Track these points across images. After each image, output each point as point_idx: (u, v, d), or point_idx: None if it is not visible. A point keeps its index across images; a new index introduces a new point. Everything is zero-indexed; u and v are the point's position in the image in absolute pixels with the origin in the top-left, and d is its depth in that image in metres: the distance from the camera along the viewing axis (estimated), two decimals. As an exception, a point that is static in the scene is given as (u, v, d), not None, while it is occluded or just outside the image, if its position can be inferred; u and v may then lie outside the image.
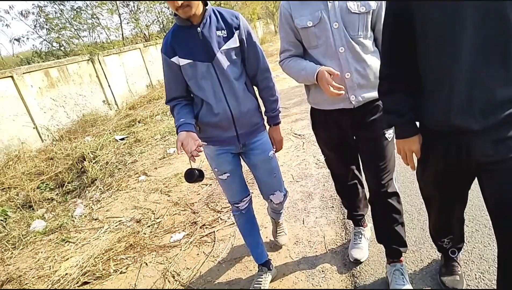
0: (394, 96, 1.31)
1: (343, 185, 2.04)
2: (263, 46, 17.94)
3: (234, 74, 1.65)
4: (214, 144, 1.77)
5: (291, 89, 7.10)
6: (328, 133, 1.79)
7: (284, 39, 1.69)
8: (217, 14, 1.63)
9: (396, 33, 1.23)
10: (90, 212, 3.57)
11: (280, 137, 1.90)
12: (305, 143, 4.03)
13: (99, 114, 7.27)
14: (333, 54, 1.54)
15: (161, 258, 2.51)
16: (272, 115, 1.84)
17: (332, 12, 1.51)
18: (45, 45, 9.89)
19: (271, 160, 1.84)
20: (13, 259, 2.95)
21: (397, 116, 1.32)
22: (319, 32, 1.54)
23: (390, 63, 1.30)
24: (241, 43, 1.65)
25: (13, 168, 4.88)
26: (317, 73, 1.52)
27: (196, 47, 1.58)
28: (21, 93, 5.79)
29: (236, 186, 1.88)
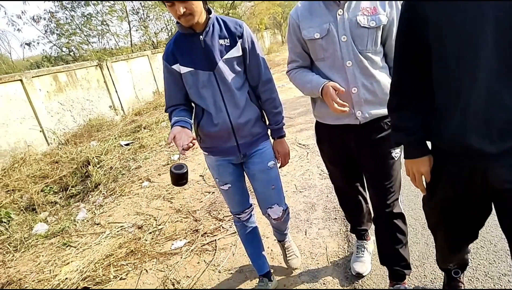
0: (404, 113, 1.22)
1: (347, 200, 2.00)
2: (269, 56, 18.14)
3: (236, 83, 1.61)
4: (215, 154, 1.74)
5: (296, 99, 7.11)
6: (333, 148, 1.75)
7: (292, 50, 1.68)
8: (220, 23, 1.60)
9: (409, 45, 1.14)
10: (92, 216, 3.57)
11: (285, 150, 1.81)
12: (309, 154, 4.02)
13: (105, 119, 7.33)
14: (340, 67, 1.51)
15: (162, 265, 2.50)
16: (275, 127, 1.77)
17: (340, 25, 1.47)
18: (55, 50, 10.04)
19: (270, 170, 1.76)
20: (14, 262, 2.95)
21: (406, 134, 1.22)
22: (327, 44, 1.51)
23: (401, 77, 1.22)
24: (244, 52, 1.61)
25: (19, 170, 4.92)
26: (322, 88, 1.50)
27: (198, 55, 1.56)
28: (30, 97, 5.86)
29: (238, 197, 1.84)
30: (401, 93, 1.22)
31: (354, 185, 1.90)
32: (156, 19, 12.21)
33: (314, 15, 1.53)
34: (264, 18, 19.23)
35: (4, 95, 5.47)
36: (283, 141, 1.80)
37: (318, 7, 1.52)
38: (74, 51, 10.02)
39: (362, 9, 1.47)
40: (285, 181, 3.41)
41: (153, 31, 12.07)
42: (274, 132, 1.78)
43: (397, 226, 1.70)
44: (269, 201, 1.81)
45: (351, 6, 1.47)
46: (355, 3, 1.48)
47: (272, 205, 1.81)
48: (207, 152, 1.77)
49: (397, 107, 1.24)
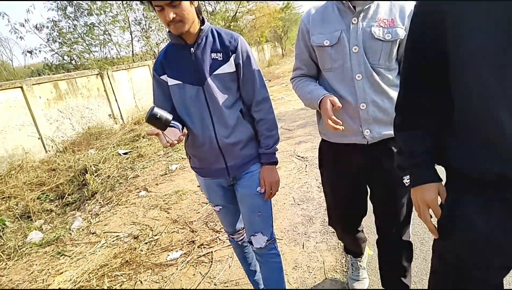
0: (411, 133, 1.04)
1: (344, 235, 1.86)
2: (270, 68, 18.29)
3: (226, 101, 1.47)
4: (203, 175, 1.64)
5: (295, 111, 7.15)
6: (336, 171, 1.59)
7: (298, 56, 1.56)
8: (215, 35, 1.48)
9: (421, 51, 0.95)
10: (88, 225, 3.53)
11: (273, 179, 1.58)
12: (308, 166, 4.01)
13: (104, 127, 7.32)
14: (349, 80, 1.39)
15: (157, 276, 2.46)
16: (264, 151, 1.55)
17: (353, 35, 1.35)
18: (56, 58, 10.08)
19: (258, 196, 1.58)
20: (7, 270, 2.91)
21: (408, 157, 1.04)
22: (336, 54, 1.39)
23: (409, 90, 1.03)
24: (237, 68, 1.47)
25: (15, 177, 4.88)
26: (320, 100, 1.37)
27: (187, 68, 1.45)
28: (29, 104, 5.86)
29: (230, 218, 1.76)
30: (408, 109, 1.05)
31: (355, 220, 1.75)
32: (158, 30, 12.32)
33: (326, 21, 1.42)
34: (265, 31, 19.45)
35: (4, 101, 5.48)
36: (273, 169, 1.59)
37: (332, 13, 1.41)
38: (76, 60, 10.07)
39: (378, 20, 1.34)
40: (283, 193, 3.40)
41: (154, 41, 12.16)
42: (263, 157, 1.57)
43: (403, 255, 1.61)
44: (253, 228, 1.63)
45: (367, 15, 1.35)
46: (372, 12, 1.35)
47: (255, 233, 1.63)
48: (196, 172, 1.68)
49: (403, 126, 1.07)
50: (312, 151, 4.44)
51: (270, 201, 1.65)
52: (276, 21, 18.74)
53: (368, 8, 1.35)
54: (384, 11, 1.36)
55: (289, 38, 29.31)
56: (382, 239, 1.67)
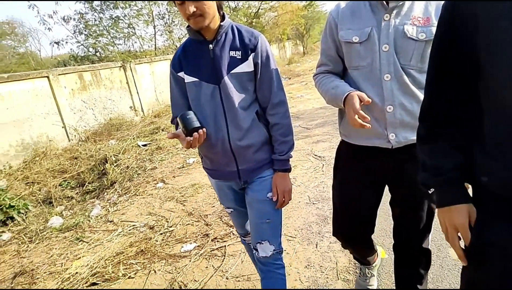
0: (435, 145, 0.93)
1: (348, 246, 1.76)
2: (290, 66, 18.19)
3: (242, 102, 1.41)
4: (214, 177, 1.60)
5: (314, 110, 7.09)
6: (353, 175, 1.50)
7: (324, 52, 1.48)
8: (235, 32, 1.42)
9: (448, 55, 0.86)
10: (106, 213, 3.62)
11: (286, 187, 1.50)
12: (324, 166, 3.98)
13: (125, 119, 7.48)
14: (376, 80, 1.30)
15: (170, 267, 2.51)
16: (278, 158, 1.48)
17: (384, 32, 1.27)
18: (81, 49, 10.37)
19: (268, 202, 1.51)
20: (28, 253, 3.02)
21: (434, 173, 0.92)
22: (365, 51, 1.31)
23: (434, 98, 0.92)
24: (256, 68, 1.41)
25: (39, 164, 5.06)
26: (346, 96, 1.27)
27: (204, 65, 1.40)
28: (55, 93, 6.05)
29: (241, 221, 1.73)
30: (433, 119, 0.94)
31: (366, 231, 1.64)
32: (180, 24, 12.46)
33: (356, 16, 1.34)
34: (287, 29, 19.36)
35: (31, 90, 5.67)
36: (286, 176, 1.51)
37: (363, 8, 1.33)
38: (100, 52, 10.32)
39: (412, 18, 1.26)
40: (299, 192, 3.39)
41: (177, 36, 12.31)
42: (276, 163, 1.50)
43: (421, 262, 1.55)
44: (260, 235, 1.54)
45: (400, 12, 1.27)
46: (406, 9, 1.27)
47: (262, 241, 1.53)
48: (208, 173, 1.63)
49: (427, 137, 0.96)
50: (330, 151, 4.40)
51: (281, 210, 1.57)
52: (299, 19, 18.63)
53: (402, 5, 1.26)
54: (420, 9, 1.27)
55: (311, 36, 29.06)
56: (400, 245, 1.62)
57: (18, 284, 2.55)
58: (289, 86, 11.24)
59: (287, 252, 2.46)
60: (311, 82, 11.18)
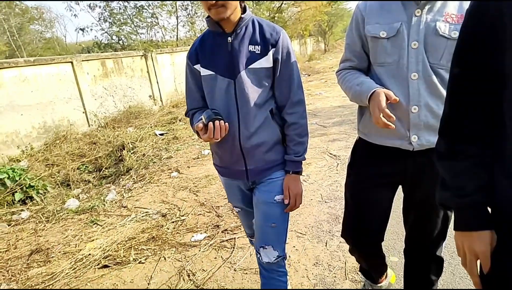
0: (457, 164, 0.83)
1: (355, 251, 1.67)
2: (310, 63, 18.02)
3: (257, 98, 1.36)
4: (223, 175, 1.57)
5: (332, 108, 7.01)
6: (369, 174, 1.43)
7: (349, 47, 1.42)
8: (256, 26, 1.37)
9: (473, 64, 0.78)
10: (120, 199, 3.70)
11: (298, 190, 1.45)
12: (339, 165, 3.94)
13: (144, 107, 7.58)
14: (402, 79, 1.24)
15: (180, 255, 2.54)
16: (294, 159, 1.43)
17: (414, 28, 1.20)
18: (105, 37, 10.54)
19: (275, 205, 1.45)
20: (45, 232, 3.12)
21: (456, 194, 0.83)
22: (392, 48, 1.25)
23: (456, 110, 0.83)
24: (275, 64, 1.35)
25: (59, 147, 5.21)
26: (372, 93, 1.21)
27: (221, 59, 1.35)
28: (77, 79, 6.19)
29: (249, 221, 1.70)
30: (454, 134, 0.84)
31: (372, 235, 1.56)
32: (203, 16, 12.50)
33: (385, 10, 1.27)
34: (309, 25, 19.13)
35: (56, 75, 5.81)
36: (298, 179, 1.46)
37: (394, 2, 1.27)
38: (123, 40, 10.46)
39: (445, 15, 1.19)
40: (311, 190, 3.37)
41: (199, 27, 12.35)
42: (290, 165, 1.44)
43: (433, 269, 1.51)
44: (264, 239, 1.48)
45: (433, 8, 1.20)
46: (439, 5, 1.20)
47: (266, 245, 1.48)
48: (217, 170, 1.61)
49: (448, 153, 0.86)
50: (345, 150, 4.35)
51: (288, 214, 1.51)
52: (322, 15, 18.37)
53: (435, 1, 1.20)
54: (453, 5, 1.21)
55: (333, 33, 28.69)
56: (412, 251, 1.58)
57: (33, 261, 2.64)
58: (308, 83, 11.14)
59: (296, 249, 2.46)
60: (331, 80, 11.11)
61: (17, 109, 5.16)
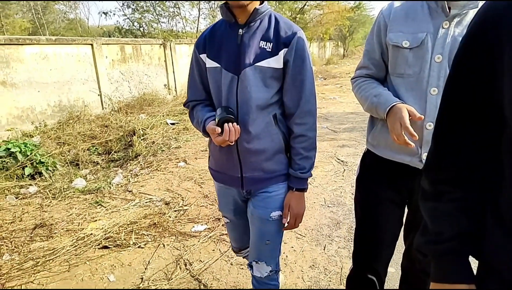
0: (440, 206, 0.73)
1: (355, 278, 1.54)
2: (327, 67, 17.92)
3: (260, 100, 1.24)
4: (217, 179, 1.47)
5: (345, 114, 6.97)
6: (378, 189, 1.37)
7: (368, 54, 1.35)
8: (271, 21, 1.25)
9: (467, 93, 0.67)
10: (126, 183, 3.75)
11: (300, 209, 1.34)
12: (346, 171, 3.93)
13: (158, 95, 7.66)
14: (421, 93, 1.17)
15: (179, 244, 2.57)
16: (298, 175, 1.30)
17: (440, 41, 1.13)
18: (127, 23, 10.66)
19: (271, 223, 1.35)
20: (50, 208, 3.18)
21: (433, 241, 0.73)
22: (414, 59, 1.18)
23: (446, 144, 0.72)
24: (285, 67, 1.23)
25: (72, 126, 5.30)
26: (391, 106, 1.15)
27: (229, 51, 1.25)
28: (96, 61, 6.28)
29: (236, 235, 1.59)
30: (439, 172, 0.74)
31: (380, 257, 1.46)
32: (225, 11, 12.54)
33: (410, 18, 1.20)
34: (330, 28, 19.02)
35: (75, 55, 5.91)
36: (303, 197, 1.35)
37: (420, 10, 1.19)
38: (144, 27, 10.57)
39: None
40: (315, 193, 3.37)
41: (220, 21, 12.41)
42: (294, 181, 1.33)
43: (428, 285, 1.53)
44: (258, 255, 1.43)
45: (462, 21, 1.12)
46: (469, 19, 1.11)
47: (259, 261, 1.43)
48: (211, 173, 1.51)
49: (431, 194, 0.76)
50: (353, 157, 4.33)
51: (283, 230, 1.43)
52: (344, 20, 18.23)
53: (465, 13, 1.11)
54: None
55: (353, 39, 28.45)
56: (409, 267, 1.55)
57: (36, 235, 2.70)
58: (323, 87, 11.09)
59: (294, 249, 2.47)
60: (346, 85, 11.04)
61: (35, 85, 5.26)
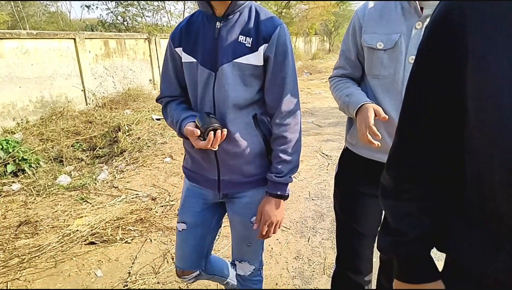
0: (401, 205, 0.71)
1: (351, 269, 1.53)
2: (313, 62, 18.01)
3: (238, 99, 1.15)
4: (190, 179, 1.37)
5: (330, 109, 7.07)
6: (356, 186, 1.38)
7: (343, 54, 1.35)
8: (252, 14, 1.15)
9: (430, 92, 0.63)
10: (112, 179, 3.74)
11: (273, 217, 1.23)
12: (330, 165, 4.01)
13: (143, 91, 7.59)
14: (396, 93, 1.18)
15: (166, 238, 2.60)
16: (275, 179, 1.20)
17: (413, 42, 1.13)
18: (110, 17, 10.49)
19: (251, 227, 1.29)
20: (35, 205, 3.16)
21: (396, 242, 0.71)
22: (388, 60, 1.18)
23: (408, 141, 0.70)
24: (266, 63, 1.14)
25: (55, 122, 5.22)
26: (360, 106, 1.16)
27: (205, 45, 1.16)
28: (79, 56, 6.18)
29: (186, 249, 1.40)
30: (404, 170, 0.71)
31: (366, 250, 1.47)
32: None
33: (384, 19, 1.20)
34: (316, 23, 19.10)
35: (57, 50, 5.80)
36: (278, 204, 1.24)
37: (394, 11, 1.19)
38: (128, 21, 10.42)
39: None
40: (300, 186, 3.43)
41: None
42: (270, 186, 1.23)
43: None
44: (240, 256, 1.42)
45: None
46: None
47: (242, 261, 1.41)
48: (185, 173, 1.41)
49: (392, 191, 0.73)
50: (338, 151, 4.41)
51: None
52: (329, 15, 18.32)
53: None
54: None
55: (339, 34, 28.60)
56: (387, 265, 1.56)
57: (21, 232, 2.68)
58: (309, 82, 11.18)
59: (279, 242, 2.53)
60: (332, 80, 11.12)
61: (16, 81, 5.15)
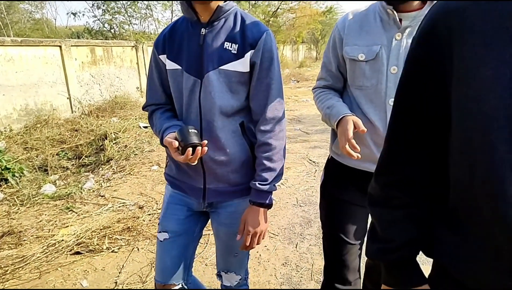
0: (389, 212, 0.73)
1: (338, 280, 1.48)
2: (300, 70, 18.21)
3: (225, 106, 1.14)
4: (174, 186, 1.33)
5: (317, 116, 7.13)
6: (343, 195, 1.37)
7: (325, 66, 1.37)
8: (237, 20, 1.15)
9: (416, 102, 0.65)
10: (98, 188, 3.70)
11: (256, 227, 1.20)
12: (317, 171, 4.05)
13: (130, 98, 7.53)
14: (380, 103, 1.20)
15: (153, 247, 2.58)
16: (258, 187, 1.17)
17: (394, 52, 1.15)
18: (97, 24, 10.43)
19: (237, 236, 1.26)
20: (18, 215, 3.10)
21: (384, 249, 0.73)
22: (370, 71, 1.20)
23: (397, 149, 0.71)
24: (252, 69, 1.14)
25: (40, 131, 5.14)
26: (340, 118, 1.17)
27: (190, 52, 1.14)
28: (65, 63, 6.12)
29: (168, 260, 1.33)
30: (389, 175, 0.73)
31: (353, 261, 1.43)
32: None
33: (364, 31, 1.22)
34: (303, 32, 19.36)
35: (42, 57, 5.73)
36: (261, 213, 1.20)
37: (373, 23, 1.20)
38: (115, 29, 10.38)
39: None
40: (288, 193, 3.46)
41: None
42: (254, 194, 1.20)
43: None
44: (226, 266, 1.38)
45: (414, 32, 1.09)
46: None
47: (228, 271, 1.38)
48: (167, 180, 1.37)
49: (380, 199, 0.76)
50: (325, 158, 4.44)
51: None
52: (316, 24, 18.60)
53: (416, 24, 1.12)
54: None
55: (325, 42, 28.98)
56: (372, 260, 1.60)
57: (4, 243, 2.62)
58: (296, 90, 11.29)
59: (268, 248, 2.54)
60: (319, 88, 11.26)
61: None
